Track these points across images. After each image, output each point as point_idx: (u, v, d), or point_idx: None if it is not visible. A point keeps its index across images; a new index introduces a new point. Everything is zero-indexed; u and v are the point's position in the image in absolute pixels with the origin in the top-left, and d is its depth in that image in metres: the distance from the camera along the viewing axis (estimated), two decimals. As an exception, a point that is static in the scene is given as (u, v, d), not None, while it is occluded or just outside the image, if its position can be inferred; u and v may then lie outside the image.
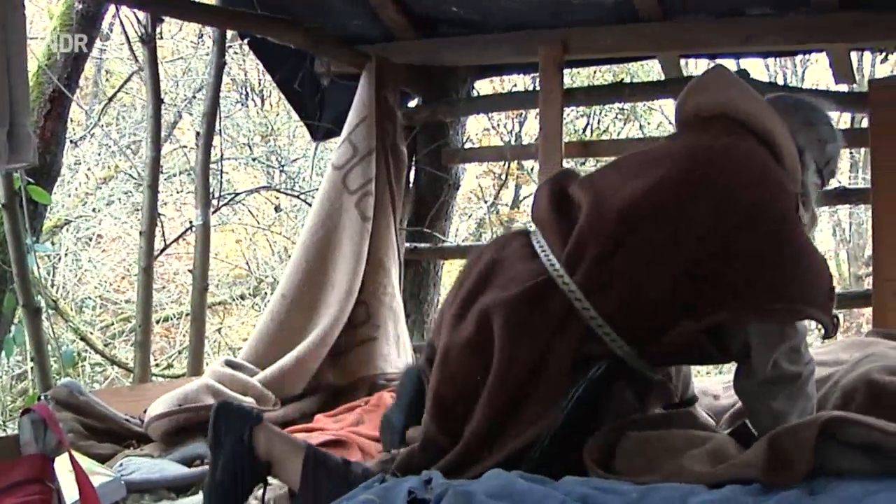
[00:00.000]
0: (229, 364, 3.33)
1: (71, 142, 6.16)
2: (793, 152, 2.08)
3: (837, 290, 2.10)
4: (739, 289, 1.88)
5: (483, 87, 6.34)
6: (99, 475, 2.40)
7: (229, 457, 2.04)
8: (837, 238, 10.20)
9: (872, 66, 8.03)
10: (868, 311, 3.64)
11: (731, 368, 2.13)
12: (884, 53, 4.06)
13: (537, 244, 2.06)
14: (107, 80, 7.96)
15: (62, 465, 2.26)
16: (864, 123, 3.77)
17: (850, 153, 8.63)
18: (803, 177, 2.13)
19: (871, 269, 3.72)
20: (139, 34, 3.96)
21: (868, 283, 3.68)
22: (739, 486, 1.63)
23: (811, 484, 1.61)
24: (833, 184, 2.75)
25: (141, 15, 3.92)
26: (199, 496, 2.40)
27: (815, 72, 9.37)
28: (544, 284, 1.96)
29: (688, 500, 1.58)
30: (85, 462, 2.34)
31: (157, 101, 3.99)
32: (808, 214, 2.18)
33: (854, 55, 4.22)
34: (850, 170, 9.16)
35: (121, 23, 4.29)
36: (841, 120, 8.00)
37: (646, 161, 2.13)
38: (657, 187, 1.99)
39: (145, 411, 2.97)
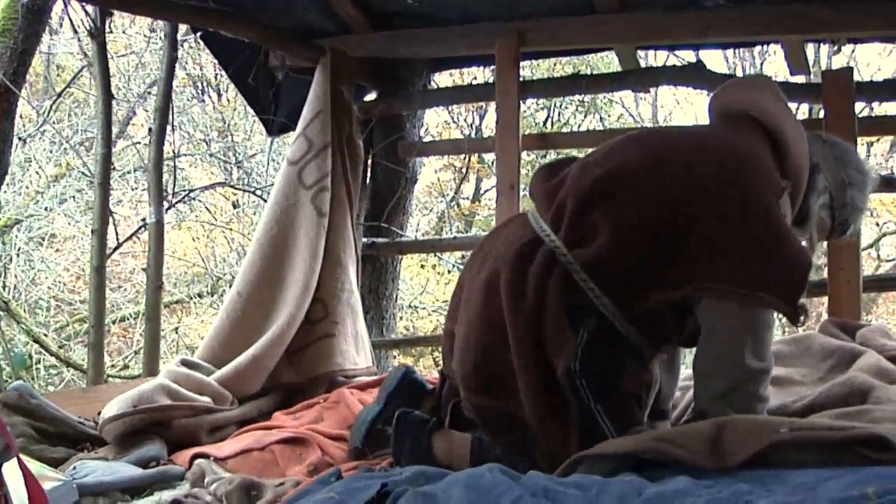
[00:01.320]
0: (185, 363, 3.27)
1: (20, 139, 6.05)
2: (800, 159, 2.16)
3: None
4: (701, 265, 1.93)
5: (443, 79, 6.32)
6: (50, 479, 2.34)
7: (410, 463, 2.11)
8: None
9: (829, 57, 8.13)
10: (827, 300, 3.66)
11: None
12: (836, 45, 4.09)
13: (531, 214, 2.20)
14: (58, 74, 7.81)
15: (11, 470, 2.20)
16: (821, 114, 3.79)
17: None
18: (808, 195, 2.21)
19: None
20: (88, 28, 3.88)
21: (826, 273, 3.70)
22: (693, 479, 1.64)
23: (764, 473, 1.63)
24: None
25: (90, 8, 3.84)
26: (154, 497, 2.37)
27: (774, 63, 9.49)
28: (532, 242, 2.11)
29: (643, 492, 1.58)
30: (35, 466, 2.28)
31: (108, 96, 3.93)
32: (805, 235, 2.25)
33: (811, 47, 4.26)
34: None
35: (69, 17, 4.19)
36: (799, 111, 8.11)
37: (643, 138, 2.31)
38: (637, 157, 2.11)
39: (99, 413, 2.91)
